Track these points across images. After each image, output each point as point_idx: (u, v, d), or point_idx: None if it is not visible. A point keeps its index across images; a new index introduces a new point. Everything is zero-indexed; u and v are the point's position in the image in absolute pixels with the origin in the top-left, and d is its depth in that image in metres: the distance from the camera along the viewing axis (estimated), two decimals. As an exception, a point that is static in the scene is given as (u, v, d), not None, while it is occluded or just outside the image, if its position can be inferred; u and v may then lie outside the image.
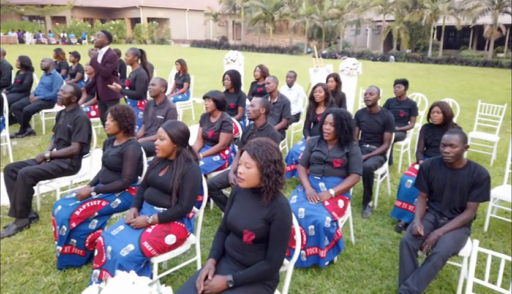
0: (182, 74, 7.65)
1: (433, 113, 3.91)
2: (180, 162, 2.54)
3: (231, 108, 5.30)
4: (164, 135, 2.52)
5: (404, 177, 3.82)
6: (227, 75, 5.31)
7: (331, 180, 3.17)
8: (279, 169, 1.98)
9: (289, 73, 6.14)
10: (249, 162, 1.97)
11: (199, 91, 11.33)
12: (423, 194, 2.96)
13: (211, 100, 3.92)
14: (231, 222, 2.12)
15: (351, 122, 3.13)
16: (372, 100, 4.23)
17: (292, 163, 4.57)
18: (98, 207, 2.93)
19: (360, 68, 7.79)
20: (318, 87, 4.67)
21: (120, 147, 3.05)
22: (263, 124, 3.65)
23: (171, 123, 2.58)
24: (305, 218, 2.93)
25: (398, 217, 3.84)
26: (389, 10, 30.36)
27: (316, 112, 4.75)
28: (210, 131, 3.98)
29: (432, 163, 2.92)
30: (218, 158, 3.96)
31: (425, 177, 2.92)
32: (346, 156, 3.15)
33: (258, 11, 36.19)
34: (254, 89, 6.39)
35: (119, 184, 2.98)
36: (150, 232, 2.45)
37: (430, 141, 3.98)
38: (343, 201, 3.14)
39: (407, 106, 5.39)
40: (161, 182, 2.55)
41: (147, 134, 4.37)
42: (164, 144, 2.52)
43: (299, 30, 38.16)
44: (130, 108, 3.12)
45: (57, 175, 3.60)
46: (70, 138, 3.65)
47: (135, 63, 5.17)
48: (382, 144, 4.25)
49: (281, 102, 5.13)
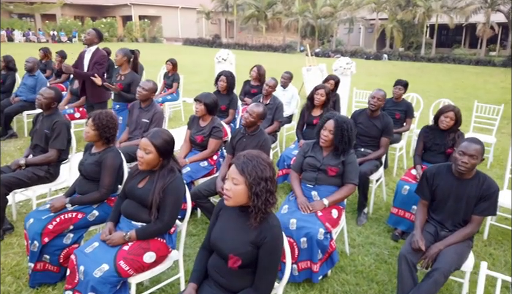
0: (171, 74, 7.42)
1: (446, 118, 3.65)
2: (163, 174, 2.33)
3: (221, 110, 5.09)
4: (150, 148, 2.30)
5: (400, 183, 3.65)
6: (223, 77, 5.09)
7: (325, 189, 2.98)
8: (270, 188, 1.78)
9: (284, 75, 5.93)
10: (237, 178, 1.76)
11: (190, 90, 11.11)
12: (424, 202, 2.78)
13: (202, 103, 3.70)
14: (215, 242, 1.92)
15: (352, 133, 2.93)
16: (377, 106, 4.01)
17: (284, 167, 4.38)
18: (74, 220, 2.71)
19: (354, 67, 7.61)
20: (321, 90, 4.45)
21: (98, 155, 2.83)
22: (254, 129, 3.45)
23: (157, 133, 2.36)
24: (297, 230, 2.73)
25: (394, 224, 3.67)
26: (382, 8, 30.26)
27: (312, 114, 4.56)
28: (199, 136, 3.77)
29: (438, 169, 2.73)
30: (205, 164, 3.75)
31: (429, 184, 2.73)
32: (342, 164, 2.96)
33: (251, 9, 35.93)
34: (247, 88, 6.17)
35: (96, 195, 2.77)
36: (127, 250, 2.24)
37: (430, 145, 3.79)
38: (337, 210, 2.95)
39: (403, 108, 5.23)
40: (140, 195, 2.35)
41: (131, 138, 4.15)
42: (150, 158, 2.31)
43: (292, 28, 37.94)
44: (113, 116, 2.89)
45: (33, 183, 3.37)
46: (47, 144, 3.43)
47: (125, 64, 4.91)
48: (378, 148, 4.06)
49: (274, 104, 4.93)
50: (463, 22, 28.06)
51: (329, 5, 32.59)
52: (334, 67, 7.69)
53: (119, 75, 4.92)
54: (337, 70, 7.59)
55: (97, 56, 4.91)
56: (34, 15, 36.96)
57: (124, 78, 4.87)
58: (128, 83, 4.82)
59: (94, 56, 4.90)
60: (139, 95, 4.05)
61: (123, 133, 4.26)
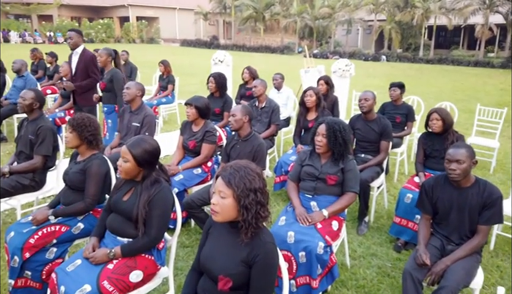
0: (166, 75, 7.25)
1: (432, 120, 3.58)
2: (146, 186, 2.17)
3: (215, 113, 4.93)
4: (128, 156, 2.15)
5: (403, 191, 3.49)
6: (211, 78, 4.95)
7: (324, 199, 2.81)
8: (261, 200, 1.63)
9: (275, 76, 5.77)
10: (224, 191, 1.62)
11: (187, 92, 10.92)
12: (426, 216, 2.63)
13: (193, 107, 3.54)
14: (204, 262, 1.76)
15: (346, 134, 2.78)
16: (367, 107, 3.89)
17: (281, 173, 4.22)
18: (57, 233, 2.54)
19: (353, 69, 7.46)
20: (309, 91, 4.33)
21: (83, 163, 2.67)
22: (247, 133, 3.29)
23: (137, 141, 2.20)
24: (295, 244, 2.57)
25: (397, 234, 3.51)
26: (381, 9, 30.17)
27: (307, 118, 4.41)
28: (192, 141, 3.61)
29: (436, 181, 2.59)
30: (199, 171, 3.59)
31: (429, 197, 2.59)
32: (341, 172, 2.80)
33: (249, 10, 35.79)
34: (242, 91, 6.03)
35: (81, 206, 2.60)
36: (112, 268, 2.08)
37: (430, 151, 3.65)
38: (337, 222, 2.79)
39: (403, 111, 5.07)
40: (125, 208, 2.18)
41: (123, 143, 3.97)
42: (127, 167, 2.15)
43: (290, 29, 37.80)
44: (90, 116, 2.74)
45: (17, 192, 3.19)
46: (32, 150, 3.26)
47: (109, 64, 4.78)
48: (378, 153, 3.91)
49: (269, 107, 4.77)
50: (462, 24, 27.97)
51: (327, 6, 32.49)
52: (333, 69, 7.54)
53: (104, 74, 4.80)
54: (336, 72, 7.44)
55: (85, 56, 4.75)
56: (31, 15, 36.74)
57: (106, 75, 4.75)
58: (109, 79, 4.68)
59: (82, 58, 4.74)
60: (124, 96, 3.90)
61: (114, 139, 4.10)
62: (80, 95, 4.87)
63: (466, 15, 26.24)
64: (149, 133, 3.86)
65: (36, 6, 34.02)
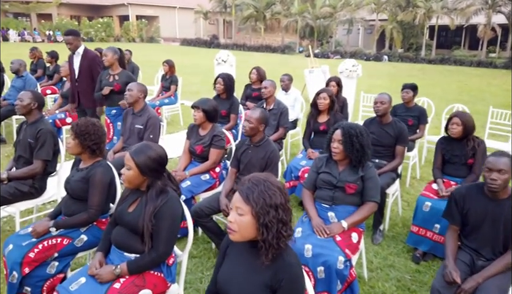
0: (169, 76, 7.07)
1: (452, 125, 3.39)
2: (151, 197, 2.01)
3: (222, 115, 4.76)
4: (130, 163, 1.99)
5: (421, 198, 3.33)
6: (220, 79, 4.76)
7: (343, 210, 2.65)
8: (282, 217, 1.46)
9: (283, 77, 5.59)
10: (241, 207, 1.45)
11: (189, 92, 10.77)
12: (454, 227, 2.47)
13: (201, 110, 3.37)
14: (222, 285, 1.59)
15: (363, 139, 2.61)
16: (382, 110, 3.72)
17: (291, 179, 4.05)
18: (59, 246, 2.37)
19: (360, 70, 7.31)
20: (323, 93, 4.15)
21: (86, 171, 2.50)
22: (260, 138, 3.12)
23: (141, 148, 2.03)
24: (313, 258, 2.40)
25: (414, 244, 3.35)
26: (382, 9, 30.00)
27: (318, 120, 4.24)
28: (199, 146, 3.44)
29: (468, 190, 2.42)
30: (207, 177, 3.42)
31: (459, 207, 2.42)
32: (361, 180, 2.64)
33: (249, 9, 35.59)
34: (248, 92, 5.85)
35: (84, 216, 2.43)
36: (119, 288, 1.91)
37: (449, 157, 3.47)
38: (356, 234, 2.62)
39: (416, 114, 4.90)
40: (130, 221, 2.02)
41: (126, 147, 3.82)
42: (130, 175, 2.00)
43: (290, 29, 37.61)
44: (95, 123, 2.55)
45: (16, 200, 3.02)
46: (32, 154, 3.09)
47: (115, 63, 4.57)
48: (393, 158, 3.75)
49: (278, 109, 4.60)
50: (464, 24, 27.81)
51: (328, 5, 32.32)
52: (340, 69, 7.39)
53: (110, 76, 4.57)
54: (342, 72, 7.28)
55: (89, 58, 4.56)
56: (30, 14, 36.51)
57: (118, 77, 4.54)
58: (125, 82, 4.48)
59: (85, 59, 4.55)
60: (126, 98, 3.73)
61: (117, 143, 3.93)
62: (86, 97, 4.69)
63: (468, 14, 26.09)
64: (153, 136, 3.69)
65: (35, 4, 33.80)
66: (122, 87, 4.42)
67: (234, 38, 39.17)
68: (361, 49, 30.92)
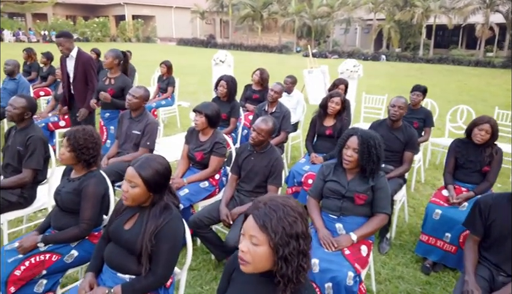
0: (166, 77, 6.89)
1: (481, 131, 3.15)
2: (155, 214, 1.83)
3: (222, 119, 4.58)
4: (137, 180, 1.80)
5: (431, 206, 3.17)
6: (223, 82, 4.59)
7: (351, 221, 2.49)
8: (304, 248, 1.29)
9: (286, 79, 5.43)
10: (257, 236, 1.26)
11: (186, 93, 10.59)
12: (475, 238, 2.30)
13: (203, 115, 3.20)
14: None
15: (381, 151, 2.45)
16: (399, 115, 3.53)
17: (294, 184, 3.88)
18: (47, 263, 2.20)
19: (361, 70, 7.16)
20: (336, 98, 3.98)
21: (78, 182, 2.33)
22: (264, 145, 2.96)
23: (146, 162, 1.85)
24: (321, 273, 2.24)
25: (424, 254, 3.19)
26: (380, 8, 29.89)
27: (324, 123, 4.08)
28: (199, 153, 3.27)
29: (496, 201, 2.24)
30: (206, 185, 3.26)
31: (483, 217, 2.25)
32: (371, 190, 2.48)
33: (246, 9, 35.41)
34: (248, 94, 5.68)
35: (75, 231, 2.26)
36: (112, 313, 1.74)
37: (463, 162, 3.29)
38: (366, 246, 2.46)
39: (421, 116, 4.75)
40: (127, 240, 1.85)
41: (121, 152, 3.64)
42: (135, 194, 1.82)
43: (288, 28, 37.44)
44: (94, 134, 2.37)
45: (3, 210, 2.84)
46: (21, 163, 2.91)
47: (115, 67, 4.38)
48: (400, 163, 3.59)
49: (280, 112, 4.44)
50: (462, 23, 27.75)
51: (325, 5, 32.19)
52: (340, 70, 7.23)
53: (107, 79, 4.40)
54: (343, 73, 7.13)
55: (83, 61, 4.37)
56: (25, 14, 36.17)
57: (114, 81, 4.35)
58: (120, 87, 4.31)
59: (79, 62, 4.36)
60: (129, 103, 3.55)
61: (111, 147, 3.75)
62: (81, 101, 4.51)
63: (466, 14, 26.02)
64: (150, 143, 3.52)
65: (30, 4, 33.47)
66: (117, 92, 4.25)
67: (231, 38, 38.98)
68: (358, 49, 30.81)
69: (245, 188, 2.99)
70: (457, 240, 3.01)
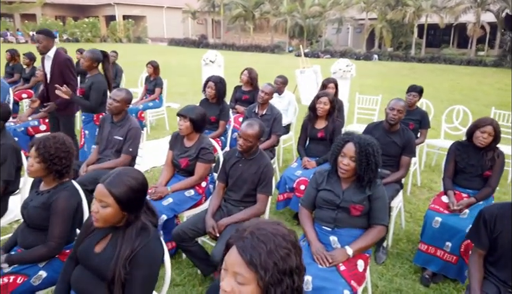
0: (153, 78, 6.66)
1: (483, 134, 2.98)
2: (130, 236, 1.63)
3: (210, 121, 4.39)
4: (107, 199, 1.60)
5: (430, 213, 3.00)
6: (211, 83, 4.39)
7: (347, 233, 2.30)
8: (298, 285, 1.10)
9: (277, 79, 5.24)
10: (243, 274, 1.06)
11: (177, 94, 10.37)
12: (480, 251, 2.12)
13: (188, 120, 2.99)
14: None
15: (379, 158, 2.27)
16: (398, 119, 3.35)
17: (285, 190, 3.70)
18: (11, 286, 1.98)
19: (354, 70, 7.00)
20: (324, 98, 3.80)
21: (47, 195, 2.12)
22: (252, 151, 2.76)
23: (118, 177, 1.64)
24: (314, 292, 2.05)
25: (423, 264, 3.02)
26: (372, 8, 29.84)
27: (316, 126, 3.90)
28: (184, 159, 3.07)
29: (501, 211, 2.06)
30: (192, 193, 3.05)
31: (488, 229, 2.07)
32: (368, 200, 2.30)
33: (238, 8, 35.18)
34: (238, 95, 5.48)
35: (43, 250, 2.05)
36: None
37: (464, 166, 3.12)
38: (363, 261, 2.28)
39: (417, 117, 4.59)
40: (98, 264, 1.64)
41: (102, 159, 3.42)
42: (107, 214, 1.61)
43: (280, 28, 37.29)
44: (66, 142, 2.16)
45: (-30, 225, 2.63)
46: (-10, 173, 2.68)
47: (94, 69, 4.15)
48: (397, 168, 3.42)
49: (271, 115, 4.25)
50: (453, 22, 27.80)
51: (317, 4, 32.08)
52: (333, 70, 7.07)
53: (86, 79, 4.20)
54: (335, 73, 6.97)
55: (60, 62, 4.13)
56: (13, 14, 35.56)
57: (87, 81, 4.14)
58: (89, 86, 4.07)
59: (55, 63, 4.13)
60: (109, 107, 3.33)
61: (91, 154, 3.53)
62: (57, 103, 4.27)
63: (457, 13, 26.03)
64: (132, 149, 3.31)
65: (18, 5, 32.88)
66: (86, 91, 4.03)
67: (223, 38, 38.77)
68: (350, 49, 30.75)
69: (233, 197, 2.79)
70: (458, 249, 2.84)
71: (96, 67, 4.16)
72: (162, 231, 2.88)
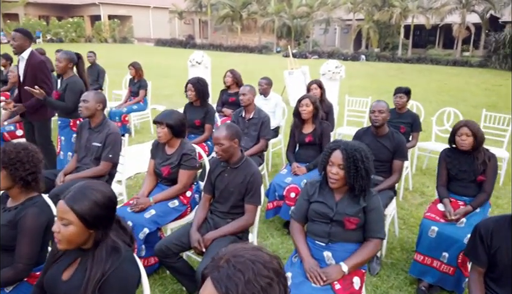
0: (137, 80, 6.45)
1: (461, 136, 2.94)
2: (100, 258, 1.45)
3: (195, 125, 4.22)
4: (70, 216, 1.44)
5: (426, 222, 2.88)
6: (190, 85, 4.23)
7: (341, 248, 2.16)
8: None
9: (261, 81, 5.07)
10: None
11: (162, 96, 10.13)
12: (480, 269, 2.01)
13: (165, 126, 2.82)
14: None
15: (369, 163, 2.13)
16: (381, 120, 3.25)
17: (275, 198, 3.55)
18: (-26, 315, 1.79)
19: (343, 71, 6.89)
20: (305, 100, 3.68)
21: (15, 212, 1.92)
22: (238, 159, 2.60)
23: (81, 191, 1.48)
24: (307, 313, 1.91)
25: (419, 275, 2.89)
26: (359, 8, 29.93)
27: (303, 131, 3.76)
28: (166, 167, 2.89)
29: (497, 224, 1.95)
30: (176, 204, 2.88)
31: (485, 245, 1.96)
32: (363, 212, 2.16)
33: (226, 9, 34.94)
34: (224, 98, 5.32)
35: (9, 273, 1.85)
36: None
37: (456, 173, 3.03)
38: (358, 278, 2.13)
39: (408, 120, 4.49)
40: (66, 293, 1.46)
41: (80, 167, 3.22)
42: (69, 234, 1.45)
43: (267, 28, 37.13)
44: (30, 147, 2.00)
45: None
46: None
47: (69, 71, 3.94)
48: (390, 174, 3.30)
49: (258, 118, 4.09)
50: (439, 23, 28.05)
51: (305, 5, 32.05)
52: (322, 71, 6.95)
53: (62, 82, 3.99)
54: (325, 74, 6.85)
55: (33, 64, 3.90)
56: (-5, 14, 34.74)
57: (62, 84, 3.93)
58: (63, 89, 3.87)
59: (29, 64, 3.90)
60: (81, 110, 3.14)
61: (69, 162, 3.33)
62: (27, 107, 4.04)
63: (443, 14, 26.26)
64: (112, 155, 3.12)
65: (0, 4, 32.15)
66: (61, 94, 3.83)
67: (211, 38, 38.50)
68: (338, 49, 30.79)
69: (220, 209, 2.62)
70: (455, 260, 2.73)
71: (71, 68, 3.96)
72: (144, 246, 2.71)
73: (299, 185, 3.43)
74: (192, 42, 35.44)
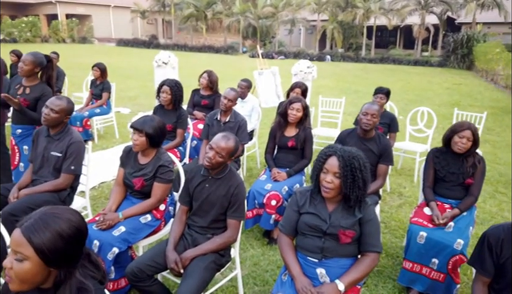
0: (100, 81, 6.04)
1: (462, 139, 2.81)
2: None
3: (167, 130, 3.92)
4: (25, 250, 1.16)
5: (414, 227, 2.76)
6: (166, 87, 3.93)
7: (336, 265, 1.98)
8: None
9: (241, 83, 4.87)
10: None
11: (126, 98, 9.69)
12: (485, 279, 1.88)
13: (144, 134, 2.53)
14: None
15: (367, 173, 1.96)
16: (372, 124, 3.10)
17: (255, 206, 3.34)
18: None
19: (315, 71, 6.79)
20: (297, 104, 3.48)
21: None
22: (221, 169, 2.36)
23: (41, 219, 1.19)
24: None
25: (408, 284, 2.79)
26: (323, 9, 30.28)
27: (286, 134, 3.57)
28: (139, 179, 2.59)
29: (508, 232, 1.83)
30: (149, 219, 2.60)
31: (494, 254, 1.83)
32: (359, 224, 1.98)
33: (190, 8, 34.34)
34: (196, 99, 5.03)
35: None
36: None
37: (444, 174, 2.93)
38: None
39: (386, 121, 4.42)
40: None
41: (37, 180, 2.87)
42: (24, 272, 1.17)
43: (233, 29, 36.88)
44: None
45: None
46: None
47: (34, 75, 3.52)
48: (375, 178, 3.17)
49: (235, 122, 3.87)
50: (400, 24, 28.86)
51: (270, 5, 32.04)
52: (294, 71, 6.82)
53: (21, 87, 3.54)
54: (296, 74, 6.73)
55: None
56: None
57: (29, 91, 3.50)
58: (36, 98, 3.46)
59: None
60: (45, 118, 2.79)
61: (24, 174, 2.97)
62: None
63: (404, 15, 27.02)
64: (75, 167, 2.80)
65: None
66: (32, 104, 3.42)
67: (175, 38, 37.71)
68: (303, 49, 31.00)
69: (199, 223, 2.37)
70: (445, 266, 2.63)
71: (37, 72, 3.54)
72: (114, 267, 2.41)
73: (279, 191, 3.24)
74: (156, 42, 34.60)
